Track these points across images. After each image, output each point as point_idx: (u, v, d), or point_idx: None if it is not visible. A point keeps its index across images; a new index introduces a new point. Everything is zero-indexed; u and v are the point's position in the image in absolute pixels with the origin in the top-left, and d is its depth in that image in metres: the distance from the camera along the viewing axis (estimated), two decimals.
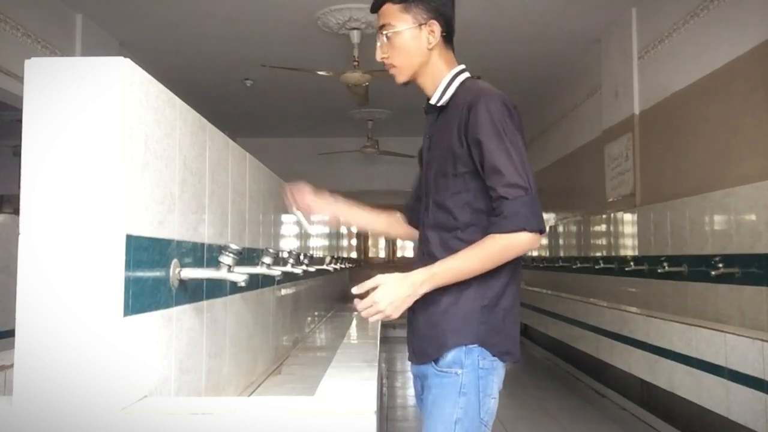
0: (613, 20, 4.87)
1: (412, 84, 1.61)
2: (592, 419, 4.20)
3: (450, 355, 1.44)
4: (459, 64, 1.61)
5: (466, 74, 1.59)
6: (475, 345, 1.43)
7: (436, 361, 1.46)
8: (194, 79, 6.29)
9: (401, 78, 1.57)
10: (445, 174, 1.48)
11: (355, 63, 4.87)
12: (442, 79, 1.56)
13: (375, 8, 1.56)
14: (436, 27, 1.53)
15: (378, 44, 1.55)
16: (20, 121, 1.07)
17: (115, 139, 1.06)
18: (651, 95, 4.40)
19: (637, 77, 4.62)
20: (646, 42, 4.47)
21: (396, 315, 1.37)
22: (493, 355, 1.44)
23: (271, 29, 5.08)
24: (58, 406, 1.02)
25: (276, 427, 1.02)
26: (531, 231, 1.36)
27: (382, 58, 1.55)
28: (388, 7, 1.51)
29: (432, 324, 1.46)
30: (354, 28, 4.79)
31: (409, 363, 1.60)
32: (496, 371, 1.46)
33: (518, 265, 1.51)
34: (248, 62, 5.80)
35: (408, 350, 1.58)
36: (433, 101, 1.56)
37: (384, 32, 1.52)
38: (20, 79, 2.65)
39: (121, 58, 1.08)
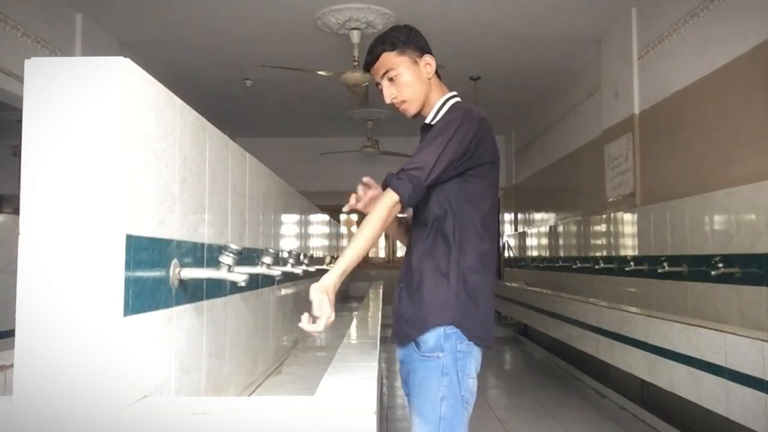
0: (613, 20, 4.87)
1: None
2: (592, 419, 4.20)
3: (431, 341, 1.63)
4: (451, 91, 1.81)
5: (458, 99, 1.79)
6: (452, 328, 1.62)
7: (418, 346, 1.65)
8: (194, 79, 6.29)
9: (413, 110, 1.78)
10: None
11: (355, 63, 4.87)
12: (436, 102, 1.77)
13: (370, 64, 1.78)
14: (431, 59, 1.76)
15: (384, 90, 1.77)
16: (20, 121, 1.07)
17: (115, 140, 1.06)
18: (651, 95, 4.40)
19: (637, 77, 4.62)
20: (646, 42, 4.47)
21: (327, 314, 1.46)
22: (469, 339, 1.63)
23: (271, 29, 5.08)
24: (58, 406, 1.02)
25: (276, 427, 1.02)
26: (396, 192, 1.55)
27: (392, 100, 1.77)
28: (385, 56, 1.74)
29: (414, 309, 1.66)
30: (354, 28, 4.79)
31: (396, 349, 1.78)
32: (472, 354, 1.65)
33: (492, 261, 1.72)
34: (248, 62, 5.80)
35: (392, 335, 1.77)
36: (427, 120, 1.77)
37: (388, 77, 1.75)
38: (20, 79, 2.65)
39: (121, 58, 1.08)
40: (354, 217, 10.57)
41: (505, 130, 8.77)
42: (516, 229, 8.78)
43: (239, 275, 1.39)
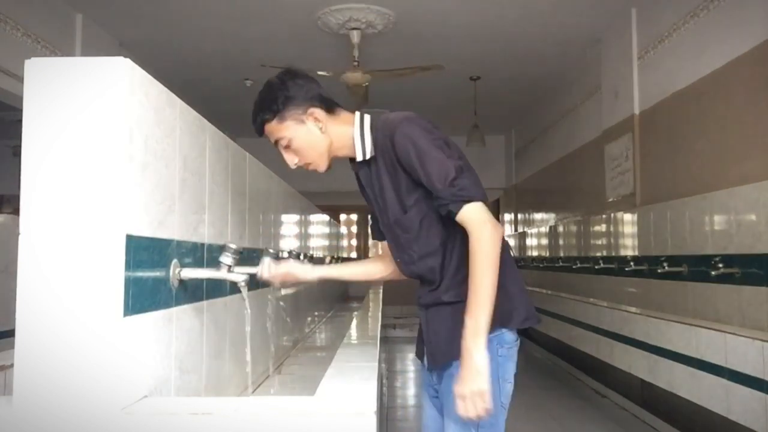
0: (613, 20, 4.87)
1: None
2: (592, 419, 4.20)
3: None
4: (352, 112, 1.63)
5: (368, 117, 1.61)
6: (496, 331, 1.49)
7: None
8: (194, 79, 6.29)
9: (323, 167, 1.62)
10: (404, 211, 1.55)
11: (355, 63, 4.87)
12: (352, 138, 1.59)
13: (260, 133, 1.60)
14: (316, 111, 1.55)
15: (284, 156, 1.60)
16: (20, 121, 1.07)
17: (115, 140, 1.06)
18: (651, 95, 4.40)
19: (637, 77, 4.62)
20: (646, 42, 4.47)
21: (482, 385, 1.40)
22: (513, 335, 1.54)
23: (271, 29, 5.07)
24: (58, 406, 1.02)
25: (276, 427, 1.02)
26: (475, 200, 1.42)
27: (296, 164, 1.60)
28: (267, 127, 1.56)
29: (450, 327, 1.53)
30: (354, 28, 4.79)
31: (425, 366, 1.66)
32: (512, 358, 1.57)
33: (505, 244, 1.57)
34: (248, 62, 5.80)
35: (426, 358, 1.64)
36: (359, 159, 1.60)
37: (281, 144, 1.58)
38: (20, 79, 2.65)
39: (121, 58, 1.08)
40: (354, 216, 10.56)
41: (505, 130, 8.76)
42: (516, 229, 8.78)
43: (239, 275, 1.40)
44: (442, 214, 1.46)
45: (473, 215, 1.42)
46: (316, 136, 1.56)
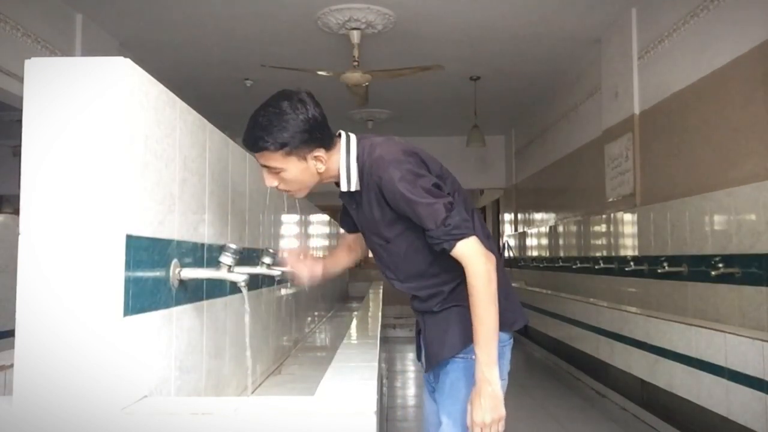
0: (613, 20, 4.87)
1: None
2: (592, 419, 4.20)
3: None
4: (337, 137, 1.58)
5: (353, 146, 1.56)
6: None
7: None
8: (194, 79, 6.29)
9: (301, 195, 1.61)
10: (390, 240, 1.59)
11: (355, 63, 4.87)
12: (339, 168, 1.56)
13: (251, 150, 1.53)
14: (320, 152, 1.51)
15: (264, 176, 1.53)
16: (20, 121, 1.07)
17: (115, 139, 1.06)
18: (651, 95, 4.40)
19: (637, 77, 4.62)
20: (646, 42, 4.47)
21: (501, 411, 1.47)
22: (506, 333, 1.59)
23: (271, 29, 5.07)
24: (58, 406, 1.02)
25: (276, 427, 1.02)
26: (467, 236, 1.46)
27: (274, 186, 1.54)
28: (267, 154, 1.47)
29: (444, 329, 1.61)
30: (354, 28, 4.78)
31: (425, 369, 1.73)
32: (505, 356, 1.62)
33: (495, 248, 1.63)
34: (248, 62, 5.80)
35: (424, 360, 1.72)
36: (344, 189, 1.58)
37: (268, 167, 1.50)
38: (20, 79, 2.65)
39: (121, 58, 1.08)
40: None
41: (505, 130, 8.76)
42: (516, 229, 8.78)
43: (239, 275, 1.40)
44: (437, 250, 1.49)
45: (466, 251, 1.46)
46: (311, 174, 1.53)
